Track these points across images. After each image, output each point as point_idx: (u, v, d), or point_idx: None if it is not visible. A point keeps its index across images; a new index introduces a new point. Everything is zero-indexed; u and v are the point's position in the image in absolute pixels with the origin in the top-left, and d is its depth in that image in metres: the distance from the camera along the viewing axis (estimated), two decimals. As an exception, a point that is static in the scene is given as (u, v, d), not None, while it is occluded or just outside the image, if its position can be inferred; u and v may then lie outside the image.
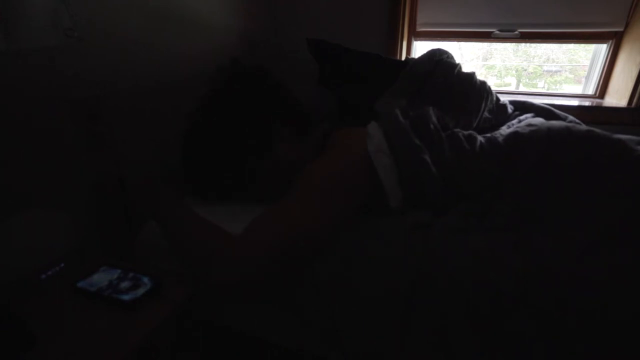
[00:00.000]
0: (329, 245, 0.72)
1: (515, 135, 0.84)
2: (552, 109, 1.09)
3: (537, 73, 1.66)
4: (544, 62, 1.63)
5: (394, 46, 1.45)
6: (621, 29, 1.32)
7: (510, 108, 1.12)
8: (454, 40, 1.55)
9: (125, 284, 0.66)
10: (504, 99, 1.15)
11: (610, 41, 1.36)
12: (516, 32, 1.41)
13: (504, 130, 0.92)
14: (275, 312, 0.78)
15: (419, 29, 1.50)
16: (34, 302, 0.63)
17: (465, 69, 1.11)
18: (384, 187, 0.77)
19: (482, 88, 1.06)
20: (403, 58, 1.46)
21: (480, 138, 0.86)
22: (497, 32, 1.42)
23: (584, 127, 0.86)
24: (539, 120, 0.94)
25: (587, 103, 1.41)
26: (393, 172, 0.79)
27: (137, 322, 0.59)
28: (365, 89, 1.16)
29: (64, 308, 0.62)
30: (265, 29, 1.50)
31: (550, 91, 1.62)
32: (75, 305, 0.63)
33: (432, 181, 0.78)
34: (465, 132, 0.88)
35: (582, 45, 1.49)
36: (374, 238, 0.73)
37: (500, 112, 1.09)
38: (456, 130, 0.89)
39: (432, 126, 0.86)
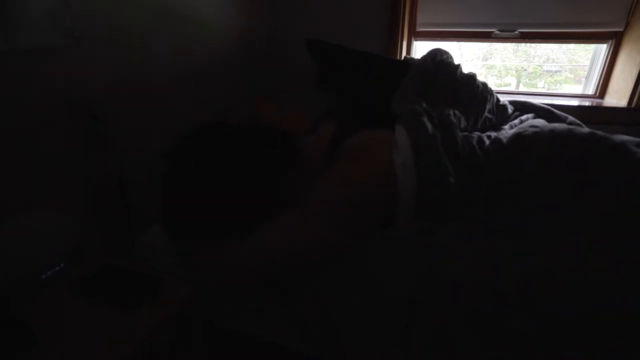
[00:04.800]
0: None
1: (518, 137, 0.84)
2: (552, 109, 1.09)
3: (537, 73, 1.65)
4: (544, 62, 1.63)
5: (394, 46, 1.45)
6: (621, 29, 1.32)
7: (510, 108, 1.12)
8: (454, 40, 1.54)
9: (125, 284, 0.66)
10: (504, 99, 1.15)
11: (610, 41, 1.36)
12: (516, 32, 1.41)
13: (507, 131, 0.92)
14: (276, 314, 0.78)
15: (419, 29, 1.50)
16: (34, 302, 0.63)
17: (465, 69, 1.12)
18: (398, 209, 0.75)
19: (485, 90, 1.07)
20: (402, 58, 1.46)
21: (486, 140, 0.85)
22: (497, 32, 1.42)
23: (585, 129, 0.86)
24: (541, 122, 0.94)
25: (587, 103, 1.41)
26: (413, 189, 0.75)
27: (137, 322, 0.59)
28: (365, 89, 1.16)
29: (64, 308, 0.62)
30: (266, 29, 1.50)
31: (550, 91, 1.62)
32: (75, 305, 0.63)
33: (452, 201, 0.76)
34: (475, 136, 0.87)
35: (582, 45, 1.49)
36: (377, 241, 0.73)
37: (500, 113, 1.09)
38: (465, 134, 0.88)
39: (459, 140, 0.82)
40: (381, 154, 0.77)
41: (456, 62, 1.14)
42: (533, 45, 1.56)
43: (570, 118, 1.07)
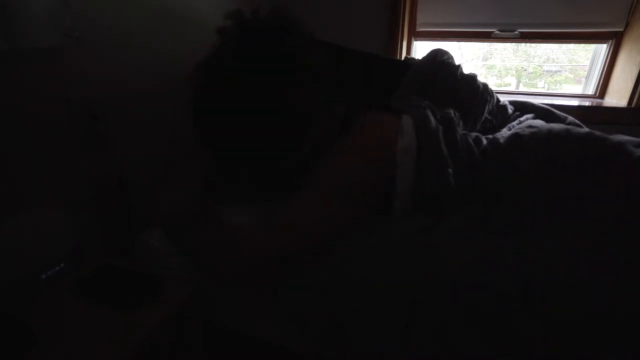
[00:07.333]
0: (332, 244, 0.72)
1: (515, 137, 0.84)
2: (552, 109, 1.09)
3: (537, 73, 1.66)
4: (544, 62, 1.63)
5: (394, 46, 1.45)
6: (621, 29, 1.32)
7: (510, 109, 1.12)
8: (454, 40, 1.54)
9: (125, 284, 0.67)
10: (503, 99, 1.15)
11: (610, 41, 1.36)
12: (516, 32, 1.41)
13: (505, 132, 0.92)
14: (276, 313, 0.78)
15: (419, 29, 1.50)
16: (34, 302, 0.63)
17: (466, 69, 1.12)
18: (395, 192, 0.76)
19: (485, 91, 1.07)
20: (402, 58, 1.46)
21: (483, 140, 0.86)
22: (497, 32, 1.42)
23: (584, 129, 0.86)
24: (539, 122, 0.94)
25: (587, 103, 1.41)
26: (411, 177, 0.77)
27: (137, 322, 0.59)
28: (364, 89, 1.16)
29: (64, 308, 0.62)
30: (265, 29, 1.49)
31: (550, 91, 1.62)
32: (75, 305, 0.63)
33: (450, 195, 0.77)
34: (472, 135, 0.87)
35: (582, 45, 1.49)
36: (376, 239, 0.73)
37: (500, 113, 1.10)
38: (464, 133, 0.88)
39: (458, 137, 0.84)
40: (386, 137, 0.79)
41: (456, 62, 1.14)
42: (533, 45, 1.56)
43: (570, 118, 1.07)
